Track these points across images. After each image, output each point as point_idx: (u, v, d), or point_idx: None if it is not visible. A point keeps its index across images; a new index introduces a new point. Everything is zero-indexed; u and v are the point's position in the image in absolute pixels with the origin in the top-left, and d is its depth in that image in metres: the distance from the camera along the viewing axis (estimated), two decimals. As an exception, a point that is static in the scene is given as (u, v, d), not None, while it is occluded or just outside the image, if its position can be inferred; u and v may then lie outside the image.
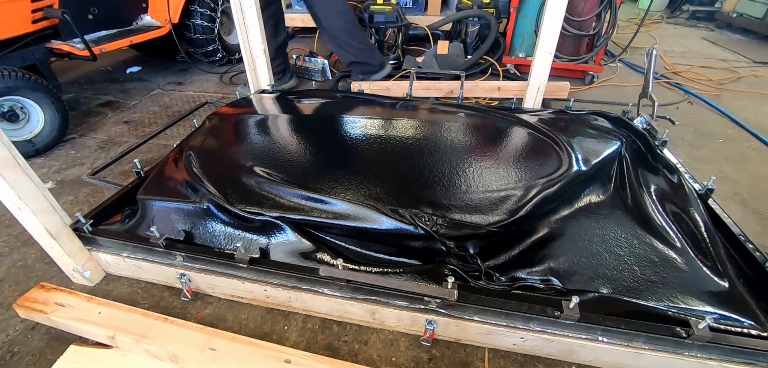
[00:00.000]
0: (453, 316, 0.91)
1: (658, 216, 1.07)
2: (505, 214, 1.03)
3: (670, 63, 3.00)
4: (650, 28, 4.07)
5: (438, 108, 1.55)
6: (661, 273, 0.97)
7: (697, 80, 2.70)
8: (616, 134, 1.30)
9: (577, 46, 2.57)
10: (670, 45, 3.57)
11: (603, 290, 0.94)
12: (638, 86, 1.51)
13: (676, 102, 2.40)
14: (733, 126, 2.13)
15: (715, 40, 3.76)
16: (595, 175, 1.18)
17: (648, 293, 0.93)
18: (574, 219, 1.10)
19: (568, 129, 1.34)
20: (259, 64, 1.89)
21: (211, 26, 2.69)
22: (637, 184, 1.16)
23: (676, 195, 1.12)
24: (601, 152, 1.21)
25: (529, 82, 1.83)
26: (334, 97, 1.71)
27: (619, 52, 3.05)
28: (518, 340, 0.91)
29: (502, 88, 2.30)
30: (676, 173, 1.17)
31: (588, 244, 1.04)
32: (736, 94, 2.52)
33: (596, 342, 0.85)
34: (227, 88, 2.62)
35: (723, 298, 0.90)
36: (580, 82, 2.68)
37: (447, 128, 1.32)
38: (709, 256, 0.97)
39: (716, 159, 1.78)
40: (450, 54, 2.66)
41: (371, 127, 1.35)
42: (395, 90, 2.27)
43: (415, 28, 3.18)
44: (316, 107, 1.58)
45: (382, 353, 0.98)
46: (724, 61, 3.14)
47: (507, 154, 1.22)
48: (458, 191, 1.10)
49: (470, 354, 0.97)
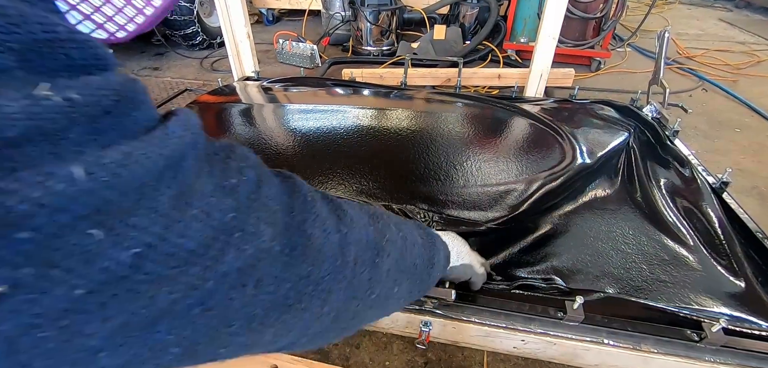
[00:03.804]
0: (450, 317, 0.91)
1: (669, 211, 1.08)
2: (505, 210, 1.03)
3: (683, 47, 3.01)
4: (662, 10, 4.08)
5: (434, 97, 1.55)
6: (672, 272, 0.97)
7: (712, 65, 2.71)
8: (624, 124, 1.30)
9: (583, 30, 2.57)
10: (683, 27, 3.59)
11: (609, 290, 0.95)
12: (648, 72, 1.51)
13: (690, 89, 2.41)
14: (751, 114, 2.14)
15: (733, 21, 3.77)
16: (601, 168, 1.18)
17: (657, 293, 0.93)
18: (579, 214, 1.10)
19: (573, 119, 1.34)
20: (242, 49, 1.88)
21: (189, 6, 2.67)
22: (646, 177, 1.16)
23: (688, 189, 1.12)
24: (608, 143, 1.21)
25: (531, 69, 1.83)
26: (323, 85, 1.70)
27: (629, 35, 3.05)
28: (519, 343, 0.91)
29: (503, 75, 2.31)
30: (689, 165, 1.17)
31: (593, 241, 1.05)
32: (755, 79, 2.53)
33: (602, 345, 0.85)
34: (208, 75, 2.62)
35: (738, 299, 0.90)
36: (586, 69, 2.69)
37: (444, 119, 1.32)
38: (723, 254, 0.98)
39: (732, 150, 1.79)
40: (447, 39, 2.67)
41: (363, 118, 1.34)
42: (389, 78, 2.26)
43: (411, 12, 3.18)
44: (304, 96, 1.57)
45: (374, 356, 0.98)
46: (743, 44, 3.15)
47: (507, 146, 1.22)
48: (456, 185, 1.10)
49: (468, 358, 0.97)
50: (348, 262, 0.41)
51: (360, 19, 2.82)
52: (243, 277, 0.31)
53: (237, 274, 0.31)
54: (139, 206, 0.25)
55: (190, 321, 0.29)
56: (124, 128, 0.25)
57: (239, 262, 0.31)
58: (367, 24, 2.82)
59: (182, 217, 0.27)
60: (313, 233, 0.37)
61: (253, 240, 0.32)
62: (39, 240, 0.21)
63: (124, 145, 0.24)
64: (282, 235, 0.35)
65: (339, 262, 0.39)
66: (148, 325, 0.26)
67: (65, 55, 0.23)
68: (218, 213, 0.30)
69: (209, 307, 0.29)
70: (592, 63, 2.64)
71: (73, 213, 0.22)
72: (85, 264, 0.22)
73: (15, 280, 0.20)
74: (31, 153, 0.21)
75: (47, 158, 0.21)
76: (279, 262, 0.34)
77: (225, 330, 0.31)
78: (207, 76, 2.54)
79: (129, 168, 0.24)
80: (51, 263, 0.21)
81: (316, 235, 0.38)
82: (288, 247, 0.35)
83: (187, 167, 0.29)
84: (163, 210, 0.26)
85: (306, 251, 0.36)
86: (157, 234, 0.26)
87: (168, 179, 0.27)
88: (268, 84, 1.72)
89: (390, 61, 2.57)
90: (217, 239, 0.29)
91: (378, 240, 0.46)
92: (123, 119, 0.25)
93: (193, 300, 0.28)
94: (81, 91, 0.23)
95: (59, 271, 0.21)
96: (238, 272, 0.31)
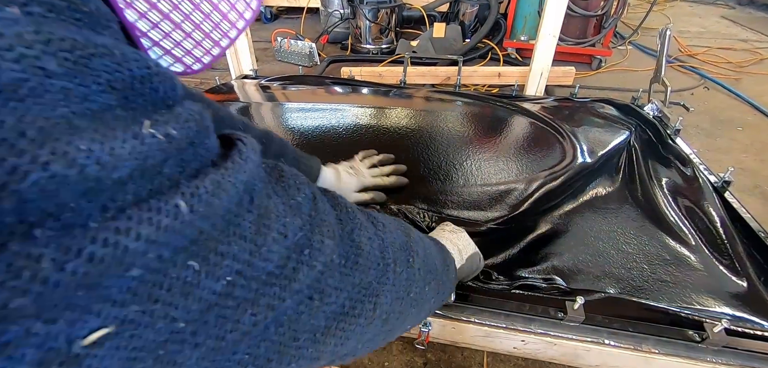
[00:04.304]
0: (449, 318, 0.91)
1: (670, 210, 1.08)
2: (505, 210, 1.03)
3: (685, 44, 3.01)
4: (664, 7, 4.08)
5: (434, 96, 1.55)
6: (673, 272, 0.97)
7: (714, 63, 2.71)
8: (625, 123, 1.30)
9: (584, 28, 2.57)
10: (685, 25, 3.59)
11: (610, 290, 0.94)
12: (650, 70, 1.51)
13: (691, 87, 2.41)
14: (753, 112, 2.14)
15: (735, 19, 3.78)
16: (602, 167, 1.18)
17: (659, 293, 0.93)
18: (579, 214, 1.10)
19: (573, 117, 1.34)
20: (240, 47, 1.88)
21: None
22: (648, 176, 1.16)
23: (689, 188, 1.12)
24: (609, 142, 1.21)
25: (532, 67, 1.83)
26: (322, 84, 1.70)
27: (630, 33, 3.05)
28: (519, 343, 0.91)
29: (503, 73, 2.31)
30: (690, 164, 1.17)
31: (594, 241, 1.05)
32: (758, 77, 2.53)
33: (602, 345, 0.85)
34: (205, 73, 2.61)
35: (741, 299, 0.90)
36: (587, 67, 2.69)
37: (443, 118, 1.32)
38: (725, 254, 0.98)
39: (734, 148, 1.79)
40: (447, 37, 2.67)
41: (362, 117, 1.34)
42: (388, 76, 2.26)
43: (410, 9, 3.18)
44: (303, 95, 1.57)
45: (373, 357, 0.98)
46: (746, 42, 3.15)
47: (507, 145, 1.22)
48: (455, 185, 1.10)
49: (468, 358, 0.97)
50: (389, 265, 0.42)
51: (359, 16, 2.82)
52: (311, 292, 0.33)
53: (307, 290, 0.32)
54: (227, 234, 0.26)
55: (265, 339, 0.30)
56: (201, 157, 0.26)
57: (309, 278, 0.32)
58: (366, 22, 2.81)
59: (264, 241, 0.28)
60: (361, 241, 0.39)
61: (319, 256, 0.33)
62: (145, 278, 0.21)
63: (212, 173, 0.25)
64: (339, 246, 0.36)
65: (381, 266, 0.41)
66: (230, 348, 0.27)
67: (154, 90, 0.24)
68: (291, 233, 0.31)
69: (281, 324, 0.31)
70: (592, 61, 2.64)
71: (174, 246, 0.22)
72: (184, 297, 0.23)
73: (123, 318, 0.21)
74: (134, 190, 0.21)
75: (148, 194, 0.22)
76: (337, 273, 0.35)
77: (293, 344, 0.32)
78: (204, 74, 2.53)
79: (218, 197, 0.25)
80: (154, 298, 0.22)
81: (364, 243, 0.39)
82: (343, 258, 0.36)
83: (259, 190, 0.29)
84: (249, 236, 0.27)
85: (357, 259, 0.38)
86: (245, 260, 0.27)
87: (247, 204, 0.28)
88: (266, 82, 1.72)
89: (389, 60, 2.57)
90: (290, 258, 0.30)
91: (407, 241, 0.48)
92: (200, 148, 0.26)
93: (270, 320, 0.29)
94: (175, 126, 0.24)
95: (161, 305, 0.22)
96: (308, 288, 0.32)
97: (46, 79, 0.18)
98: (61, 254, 0.18)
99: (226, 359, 0.28)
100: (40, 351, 0.18)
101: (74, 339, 0.19)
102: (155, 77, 0.24)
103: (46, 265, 0.17)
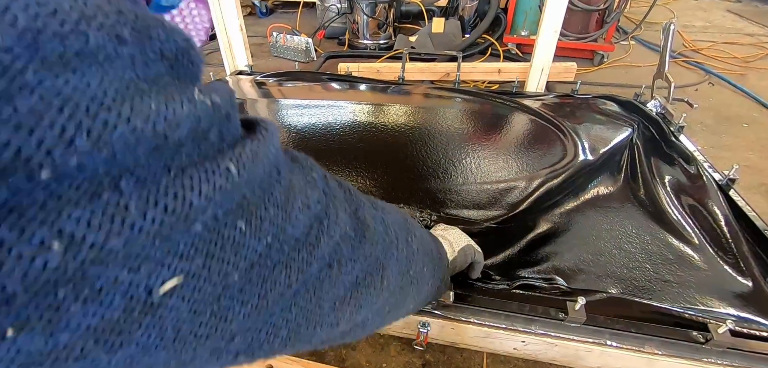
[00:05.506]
0: (449, 318, 0.91)
1: (673, 209, 1.08)
2: (505, 208, 1.03)
3: (689, 39, 3.01)
4: (668, 1, 4.07)
5: (433, 92, 1.55)
6: (677, 272, 0.97)
7: (719, 58, 2.71)
8: (627, 120, 1.30)
9: (586, 23, 2.57)
10: (689, 19, 3.59)
11: (612, 290, 0.95)
12: (653, 66, 1.51)
13: (695, 83, 2.41)
14: (759, 108, 2.14)
15: (741, 13, 3.77)
16: (604, 165, 1.18)
17: (662, 293, 0.94)
18: (581, 213, 1.10)
19: (574, 114, 1.34)
20: (235, 42, 1.88)
21: None
22: (650, 174, 1.16)
23: (693, 186, 1.13)
24: (611, 140, 1.21)
25: (533, 63, 1.83)
26: (319, 80, 1.70)
27: (633, 28, 3.05)
28: (519, 344, 0.91)
29: (503, 70, 2.30)
30: (694, 162, 1.17)
31: (595, 240, 1.05)
32: (764, 72, 2.53)
33: (604, 346, 0.85)
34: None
35: (746, 299, 0.91)
36: (589, 63, 2.68)
37: (443, 114, 1.32)
38: (730, 253, 0.98)
39: (739, 145, 1.79)
40: (446, 33, 2.67)
41: (359, 114, 1.34)
42: (386, 72, 2.26)
43: (408, 4, 3.17)
44: (299, 91, 1.57)
45: (371, 358, 0.98)
46: (752, 36, 3.14)
47: (507, 142, 1.22)
48: (455, 183, 1.10)
49: (467, 360, 0.97)
50: (393, 241, 0.47)
51: (356, 11, 2.81)
52: (331, 260, 0.36)
53: (328, 257, 0.36)
54: (263, 200, 0.28)
55: (295, 303, 0.33)
56: (235, 129, 0.28)
57: (329, 247, 0.36)
58: (363, 17, 2.80)
59: (292, 209, 0.31)
60: (366, 217, 0.43)
61: (335, 227, 0.36)
62: (204, 234, 0.24)
63: (249, 143, 0.27)
64: (351, 219, 0.40)
65: (387, 241, 0.45)
66: (269, 308, 0.31)
67: (191, 63, 0.25)
68: (312, 204, 0.34)
69: (308, 289, 0.34)
70: (594, 56, 2.64)
71: (225, 207, 0.25)
72: (235, 254, 0.26)
73: (188, 271, 0.23)
74: (187, 152, 0.23)
75: (199, 158, 0.24)
76: (350, 244, 0.39)
77: (318, 311, 0.36)
78: (199, 71, 2.52)
79: (257, 164, 0.27)
80: (212, 255, 0.24)
81: (368, 219, 0.43)
82: (354, 230, 0.40)
83: (283, 163, 0.32)
84: (281, 203, 0.30)
85: (365, 233, 0.41)
86: (279, 225, 0.30)
87: (276, 175, 0.30)
88: (262, 78, 1.72)
89: (387, 55, 2.57)
90: (312, 226, 0.34)
91: (405, 223, 0.52)
92: (234, 120, 0.28)
93: (299, 284, 0.33)
94: (217, 94, 0.26)
95: (216, 261, 0.25)
96: (328, 255, 0.36)
97: (119, 46, 0.20)
98: (143, 203, 0.20)
99: (264, 321, 0.31)
100: (125, 299, 0.21)
101: (152, 288, 0.22)
102: (192, 50, 0.26)
103: (133, 212, 0.20)
